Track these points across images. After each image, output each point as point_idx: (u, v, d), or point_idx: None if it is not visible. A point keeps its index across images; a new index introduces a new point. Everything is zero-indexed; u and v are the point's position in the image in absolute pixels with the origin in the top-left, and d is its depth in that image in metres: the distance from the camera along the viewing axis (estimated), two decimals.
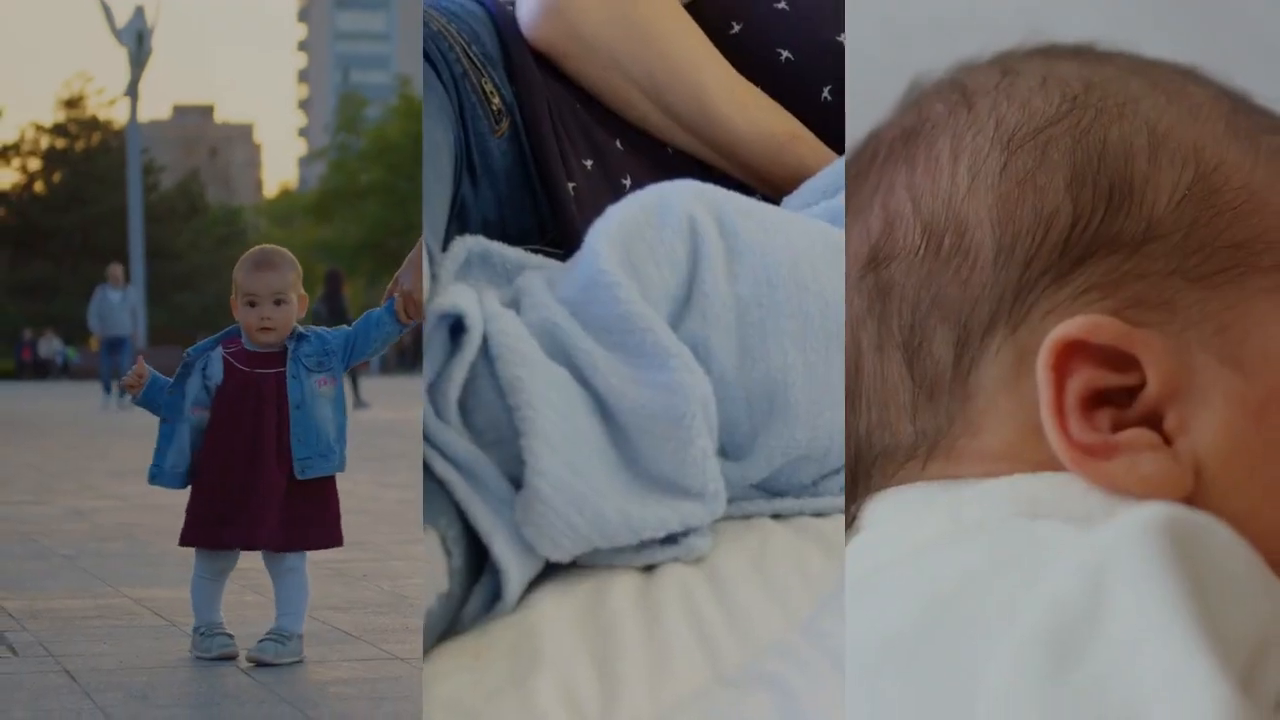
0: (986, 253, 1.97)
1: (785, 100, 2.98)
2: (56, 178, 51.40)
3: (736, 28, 3.01)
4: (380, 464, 9.33)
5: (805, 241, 2.47)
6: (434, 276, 2.44)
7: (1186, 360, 1.88)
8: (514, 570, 2.23)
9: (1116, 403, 1.89)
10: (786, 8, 2.98)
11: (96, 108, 53.14)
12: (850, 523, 2.05)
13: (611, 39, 2.89)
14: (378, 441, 11.44)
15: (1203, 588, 1.63)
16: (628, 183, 2.87)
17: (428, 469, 2.26)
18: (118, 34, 32.82)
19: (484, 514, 2.21)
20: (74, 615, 4.18)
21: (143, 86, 36.80)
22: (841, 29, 2.99)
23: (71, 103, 52.78)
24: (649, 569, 2.37)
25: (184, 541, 3.53)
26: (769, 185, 2.85)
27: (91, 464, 9.85)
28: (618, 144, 2.92)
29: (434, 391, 2.30)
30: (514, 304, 2.40)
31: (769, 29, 2.99)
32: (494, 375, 2.27)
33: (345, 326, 3.52)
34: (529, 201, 2.80)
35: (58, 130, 52.33)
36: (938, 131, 2.08)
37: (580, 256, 2.42)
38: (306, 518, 3.49)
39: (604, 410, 2.30)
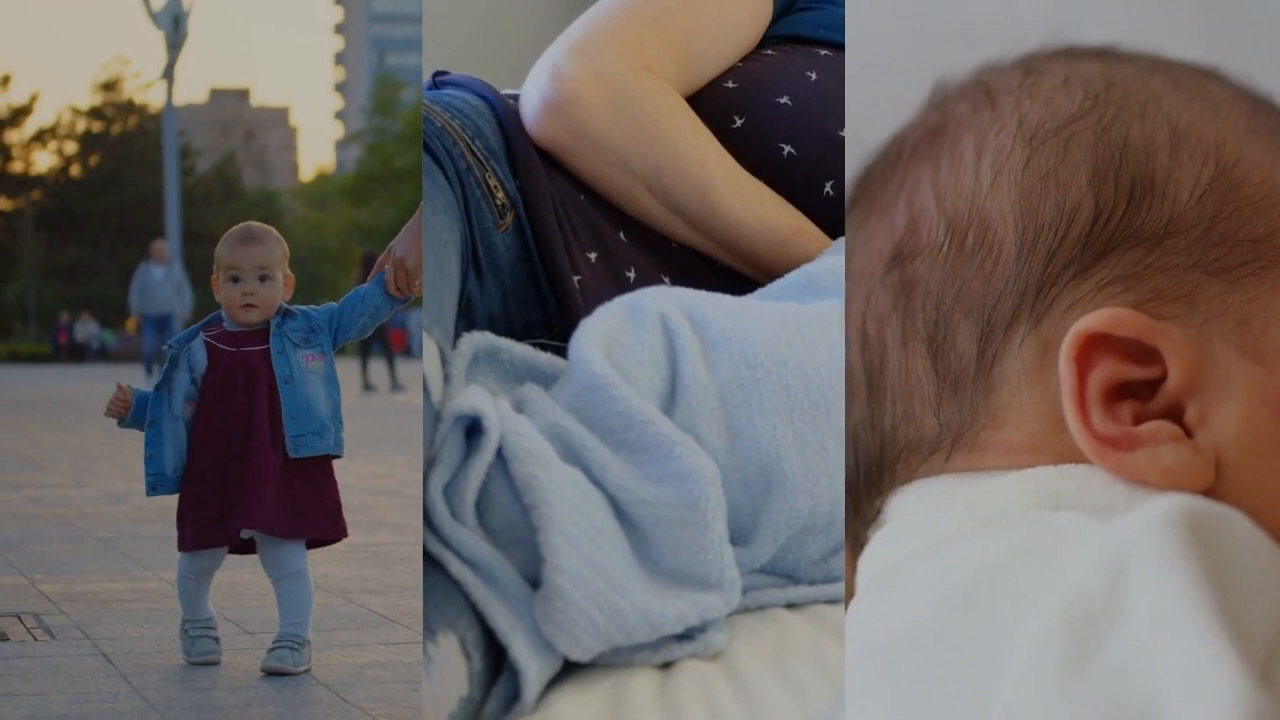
0: (1010, 248, 2.00)
1: (788, 194, 2.99)
2: (93, 161, 51.61)
3: (739, 122, 3.01)
4: (416, 447, 9.35)
5: (775, 320, 2.50)
6: (447, 376, 2.45)
7: (1207, 353, 1.90)
8: (533, 671, 2.22)
9: (1138, 395, 1.91)
10: (788, 102, 2.98)
11: (133, 91, 53.36)
12: (875, 516, 2.08)
13: (618, 136, 2.89)
14: (413, 424, 11.47)
15: (1222, 579, 1.64)
16: (632, 275, 2.88)
17: (442, 569, 2.26)
18: (154, 17, 32.82)
19: (503, 614, 2.20)
20: (111, 598, 4.21)
21: (179, 70, 36.99)
22: (843, 124, 2.98)
23: (108, 86, 52.97)
24: (666, 666, 2.36)
25: (190, 546, 3.33)
26: (773, 278, 2.85)
27: (128, 447, 9.89)
28: (621, 236, 2.92)
29: (450, 492, 2.30)
30: (518, 410, 2.42)
31: (771, 123, 3.00)
32: (508, 476, 2.27)
33: (333, 304, 3.36)
34: (534, 295, 2.80)
35: (94, 114, 52.54)
36: (962, 130, 2.10)
37: (570, 370, 2.44)
38: (303, 504, 3.30)
39: (617, 509, 2.31)
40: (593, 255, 2.85)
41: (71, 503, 6.73)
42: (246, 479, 3.26)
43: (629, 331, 2.45)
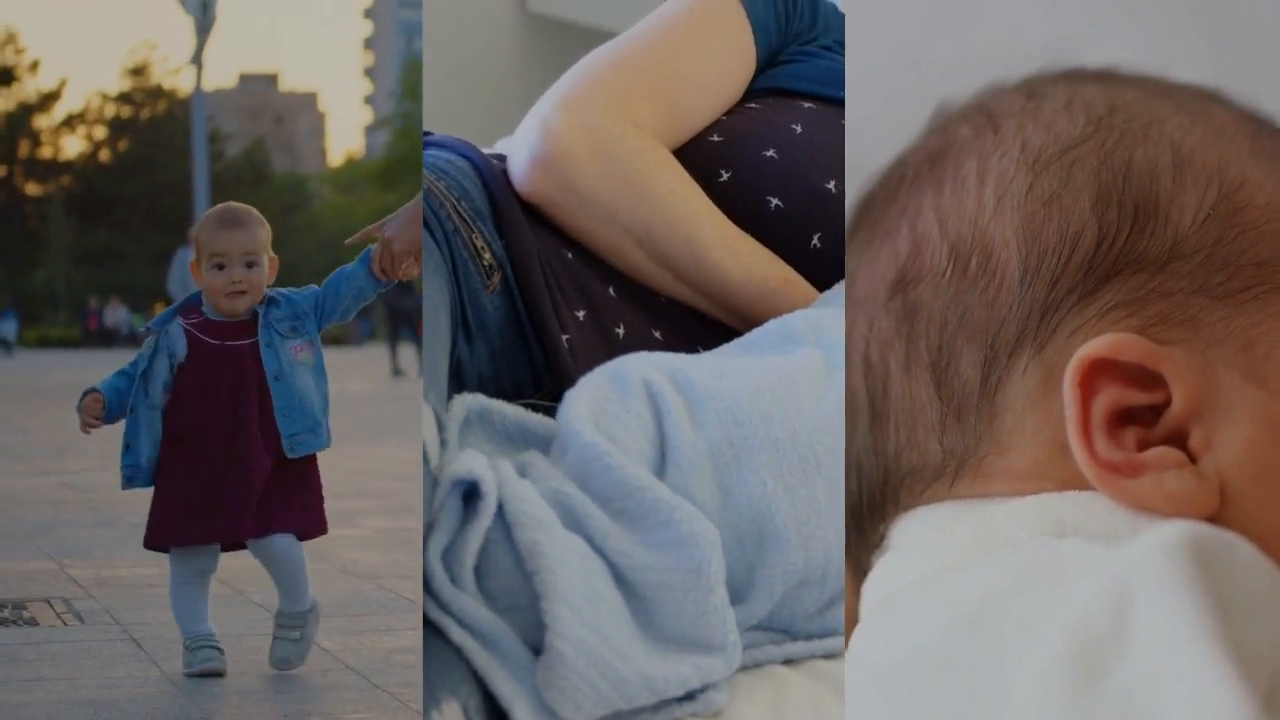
0: (1013, 273, 1.99)
1: (775, 247, 2.98)
2: (122, 146, 51.77)
3: (725, 176, 3.01)
4: None
5: (759, 375, 2.50)
6: (443, 441, 2.45)
7: (1211, 378, 1.89)
8: None
9: (1142, 421, 1.90)
10: (775, 155, 2.98)
11: (162, 76, 53.53)
12: (879, 542, 2.07)
13: (607, 190, 2.88)
14: None
15: (1226, 607, 1.64)
16: (621, 331, 2.87)
17: (443, 636, 2.25)
18: (183, 2, 32.84)
19: (504, 681, 2.19)
20: (140, 583, 4.23)
21: (208, 54, 36.96)
22: (830, 177, 2.99)
23: (137, 71, 53.12)
24: None
25: (153, 543, 3.22)
26: None
27: None
28: (610, 291, 2.92)
29: (449, 558, 2.30)
30: (521, 474, 2.42)
31: (757, 177, 2.99)
32: (509, 541, 2.27)
33: (314, 286, 3.26)
34: (523, 355, 2.79)
35: (123, 99, 52.70)
36: (964, 154, 2.09)
37: (562, 442, 2.43)
38: (289, 501, 3.19)
39: (617, 576, 2.31)
40: (581, 313, 2.84)
41: (101, 487, 6.76)
42: (235, 484, 3.14)
43: (614, 400, 2.45)
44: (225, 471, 3.15)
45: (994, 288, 1.99)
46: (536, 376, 2.80)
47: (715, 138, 3.03)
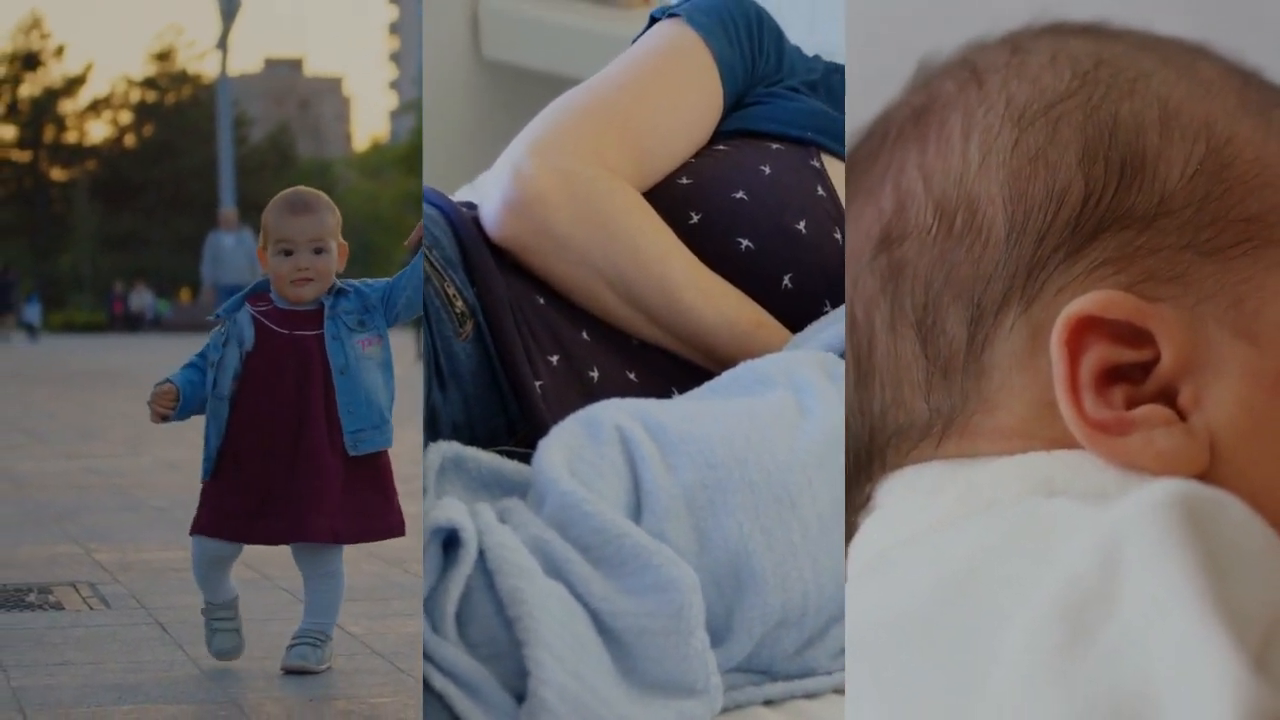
0: (999, 230, 1.97)
1: (747, 288, 3.00)
2: (147, 131, 51.87)
3: (695, 218, 3.01)
4: None
5: (731, 418, 2.51)
6: (425, 489, 2.46)
7: (1201, 334, 1.87)
8: None
9: (1131, 378, 1.88)
10: (744, 197, 2.99)
11: (187, 61, 53.62)
12: (865, 502, 2.06)
13: (580, 234, 2.89)
14: None
15: (1217, 565, 1.63)
16: (595, 375, 2.88)
17: (426, 684, 2.26)
18: None
19: None
20: (166, 567, 4.24)
21: (233, 39, 37.02)
22: (800, 217, 3.00)
23: (162, 56, 53.19)
24: None
25: (202, 530, 3.13)
26: None
27: None
28: (584, 335, 2.92)
29: (430, 606, 2.31)
30: (502, 520, 2.42)
31: (728, 218, 3.00)
32: (491, 589, 2.28)
33: (387, 279, 3.13)
34: (497, 402, 2.80)
35: (148, 84, 52.80)
36: (948, 110, 2.06)
37: (538, 491, 2.44)
38: (367, 506, 3.09)
39: (598, 623, 2.32)
40: (554, 358, 2.85)
41: (127, 471, 6.79)
42: (300, 483, 3.04)
43: (589, 446, 2.46)
44: (288, 471, 3.05)
45: (980, 245, 1.97)
46: (511, 423, 2.81)
47: (685, 180, 3.05)
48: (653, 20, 3.20)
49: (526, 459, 2.56)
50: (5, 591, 4.00)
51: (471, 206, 3.11)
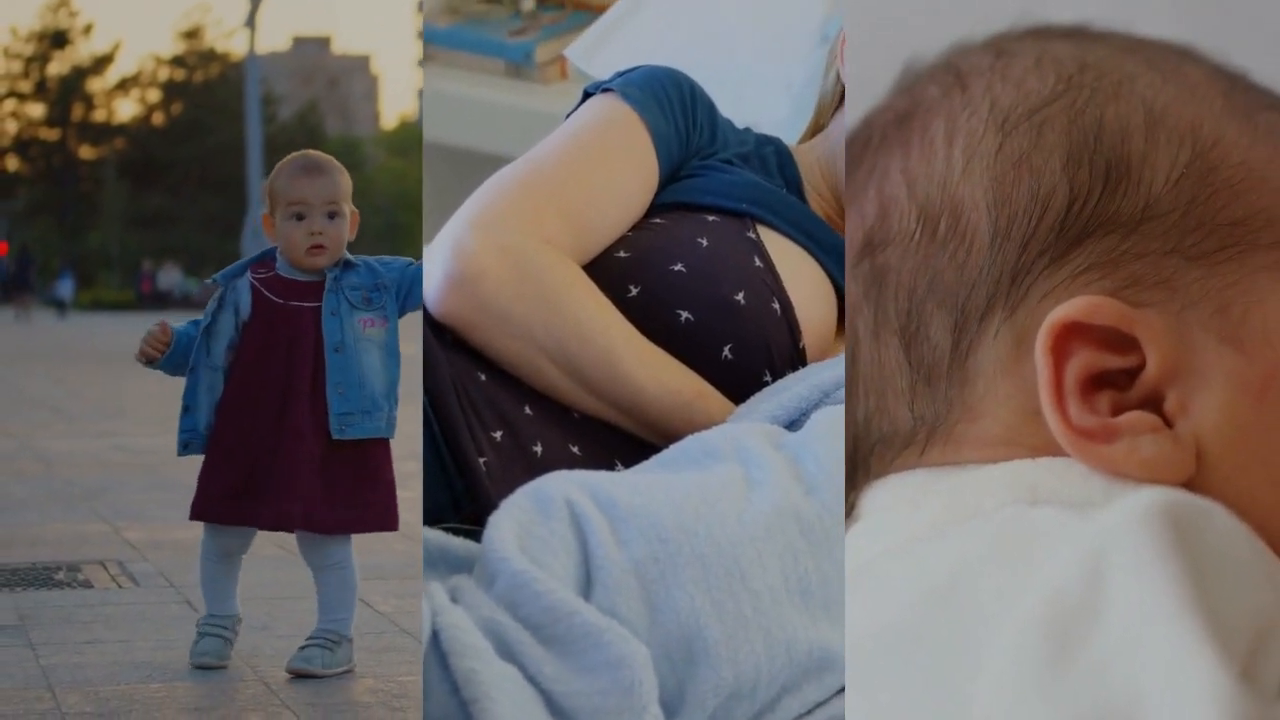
0: (983, 235, 1.95)
1: (687, 359, 2.99)
2: (175, 110, 51.90)
3: (634, 291, 3.00)
4: None
5: (680, 492, 2.50)
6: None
7: (1186, 340, 1.85)
8: None
9: (1116, 385, 1.87)
10: (683, 269, 2.98)
11: (215, 39, 53.56)
12: (850, 511, 2.04)
13: (522, 309, 2.89)
14: None
15: (1203, 574, 1.62)
16: (539, 449, 2.87)
17: None
18: None
19: None
20: (194, 546, 4.23)
21: (261, 17, 36.97)
22: (739, 289, 3.01)
23: (190, 34, 53.19)
24: None
25: (197, 515, 3.03)
26: (675, 442, 2.87)
27: None
28: (527, 410, 2.92)
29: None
30: (454, 599, 2.43)
31: (667, 291, 2.99)
32: (444, 668, 2.28)
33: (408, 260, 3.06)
34: (441, 479, 2.80)
35: (177, 62, 52.79)
36: (932, 114, 2.04)
37: (487, 570, 2.43)
38: (351, 495, 3.00)
39: (552, 705, 2.33)
40: (498, 434, 2.85)
41: (155, 450, 6.82)
42: (279, 462, 2.96)
43: (538, 522, 2.45)
44: (270, 450, 2.96)
45: (964, 251, 1.95)
46: (456, 500, 2.81)
47: (623, 254, 3.04)
48: (586, 95, 3.21)
49: (473, 536, 2.56)
50: (34, 569, 4.04)
51: None
